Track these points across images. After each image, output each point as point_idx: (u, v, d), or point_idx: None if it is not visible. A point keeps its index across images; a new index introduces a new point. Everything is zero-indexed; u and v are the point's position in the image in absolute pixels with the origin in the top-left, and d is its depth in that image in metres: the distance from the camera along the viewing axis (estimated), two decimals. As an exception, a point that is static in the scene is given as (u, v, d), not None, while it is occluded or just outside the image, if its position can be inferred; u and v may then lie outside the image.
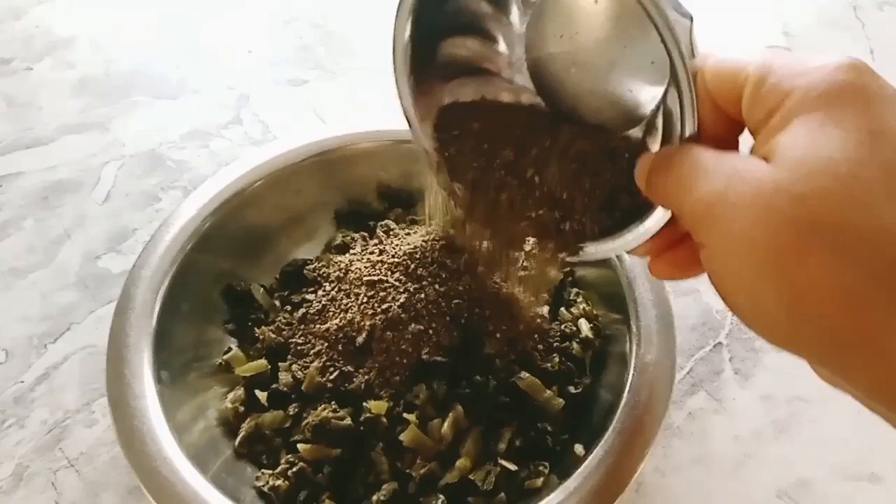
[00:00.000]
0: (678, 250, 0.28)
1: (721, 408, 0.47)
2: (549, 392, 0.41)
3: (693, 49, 0.25)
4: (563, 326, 0.44)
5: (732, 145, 0.25)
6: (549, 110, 0.34)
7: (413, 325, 0.40)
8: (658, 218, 0.28)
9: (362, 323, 0.41)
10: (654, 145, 0.30)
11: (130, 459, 0.37)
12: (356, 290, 0.43)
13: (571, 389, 0.42)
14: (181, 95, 0.68)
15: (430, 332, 0.40)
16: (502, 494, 0.39)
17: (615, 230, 0.31)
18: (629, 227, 0.30)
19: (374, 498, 0.38)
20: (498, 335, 0.41)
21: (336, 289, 0.44)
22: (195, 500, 0.36)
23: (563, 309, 0.46)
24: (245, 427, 0.42)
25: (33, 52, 0.72)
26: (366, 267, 0.43)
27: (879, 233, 0.20)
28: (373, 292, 0.42)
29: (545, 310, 0.45)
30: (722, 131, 0.25)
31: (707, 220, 0.23)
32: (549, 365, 0.42)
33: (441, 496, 0.38)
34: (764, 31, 0.73)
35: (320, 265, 0.47)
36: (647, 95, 0.29)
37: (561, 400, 0.41)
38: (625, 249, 0.30)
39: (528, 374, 0.41)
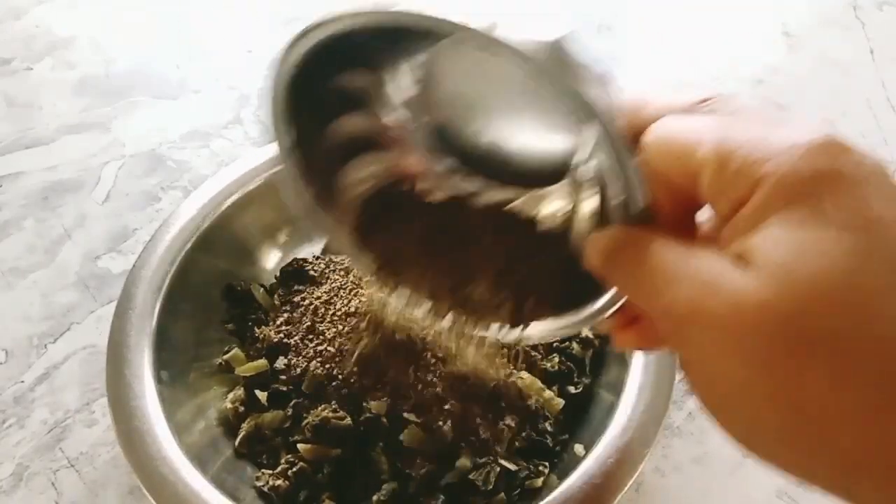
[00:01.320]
0: (645, 325, 0.25)
1: (721, 408, 0.47)
2: (549, 392, 0.41)
3: (616, 109, 0.22)
4: (563, 326, 0.44)
5: (690, 223, 0.23)
6: (467, 173, 0.30)
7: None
8: (611, 298, 0.26)
9: (362, 323, 0.41)
10: (588, 204, 0.27)
11: (130, 459, 0.37)
12: (356, 291, 0.43)
13: (571, 389, 0.42)
14: (181, 95, 0.68)
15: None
16: (502, 494, 0.39)
17: (569, 307, 0.28)
18: (586, 303, 0.27)
19: (374, 498, 0.38)
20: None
21: (336, 289, 0.44)
22: (195, 500, 0.36)
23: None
24: (245, 427, 0.42)
25: (33, 52, 0.72)
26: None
27: (887, 341, 0.17)
28: (371, 290, 0.42)
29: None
30: (679, 209, 0.22)
31: (681, 335, 0.20)
32: (549, 365, 0.42)
33: (441, 496, 0.38)
34: (764, 31, 0.73)
35: (320, 265, 0.47)
36: (566, 142, 0.27)
37: (561, 400, 0.42)
38: (581, 328, 0.28)
39: (528, 374, 0.41)
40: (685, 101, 0.22)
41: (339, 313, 0.43)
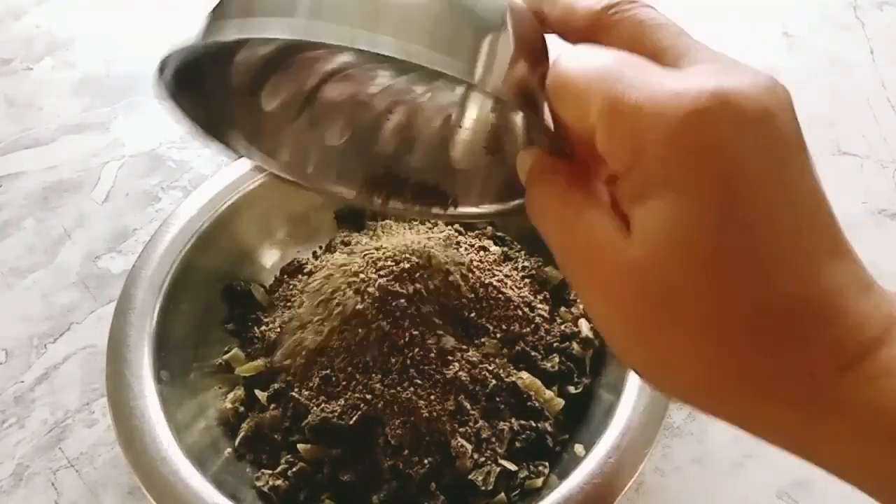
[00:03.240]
0: None
1: (721, 408, 0.47)
2: (549, 392, 0.41)
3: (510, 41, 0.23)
4: (563, 326, 0.44)
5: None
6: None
7: (407, 319, 0.40)
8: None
9: (358, 320, 0.41)
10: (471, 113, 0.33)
11: (130, 459, 0.37)
12: (353, 290, 0.43)
13: (571, 389, 0.42)
14: (181, 95, 0.68)
15: (424, 329, 0.40)
16: (502, 494, 0.39)
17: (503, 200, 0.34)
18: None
19: (374, 498, 0.38)
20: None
21: (333, 288, 0.44)
22: (195, 500, 0.36)
23: (563, 309, 0.46)
24: (245, 427, 0.42)
25: (33, 52, 0.72)
26: (364, 266, 0.43)
27: (725, 289, 0.20)
28: (371, 289, 0.42)
29: (545, 309, 0.45)
30: (590, 145, 0.23)
31: (574, 282, 0.24)
32: (549, 365, 0.42)
33: (441, 496, 0.38)
34: (764, 32, 0.73)
35: (320, 265, 0.47)
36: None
37: (561, 400, 0.41)
38: (504, 216, 0.34)
39: (528, 374, 0.41)
40: (587, 6, 0.24)
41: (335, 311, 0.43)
